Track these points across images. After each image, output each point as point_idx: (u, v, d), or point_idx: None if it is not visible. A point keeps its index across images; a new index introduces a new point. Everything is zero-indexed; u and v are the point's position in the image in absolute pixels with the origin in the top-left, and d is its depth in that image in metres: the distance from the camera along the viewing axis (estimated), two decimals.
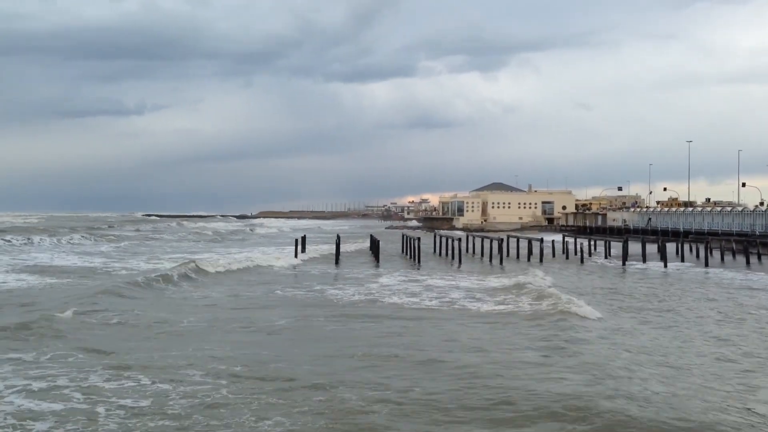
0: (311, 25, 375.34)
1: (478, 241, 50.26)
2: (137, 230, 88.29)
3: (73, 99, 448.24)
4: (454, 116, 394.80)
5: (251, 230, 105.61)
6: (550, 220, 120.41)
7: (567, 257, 44.08)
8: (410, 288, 26.22)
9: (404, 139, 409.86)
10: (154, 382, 10.93)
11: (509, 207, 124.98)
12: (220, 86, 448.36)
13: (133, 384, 10.82)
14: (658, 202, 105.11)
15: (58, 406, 9.63)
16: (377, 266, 37.40)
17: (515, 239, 49.74)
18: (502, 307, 20.65)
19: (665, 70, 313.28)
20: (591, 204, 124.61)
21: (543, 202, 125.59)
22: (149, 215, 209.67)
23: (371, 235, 53.42)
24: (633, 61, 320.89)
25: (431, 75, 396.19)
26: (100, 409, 9.51)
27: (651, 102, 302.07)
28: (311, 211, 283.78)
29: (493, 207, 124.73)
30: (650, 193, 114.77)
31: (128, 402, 9.87)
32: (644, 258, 42.96)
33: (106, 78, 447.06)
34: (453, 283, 28.51)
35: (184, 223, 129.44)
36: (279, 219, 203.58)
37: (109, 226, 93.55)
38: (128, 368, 11.76)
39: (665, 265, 38.90)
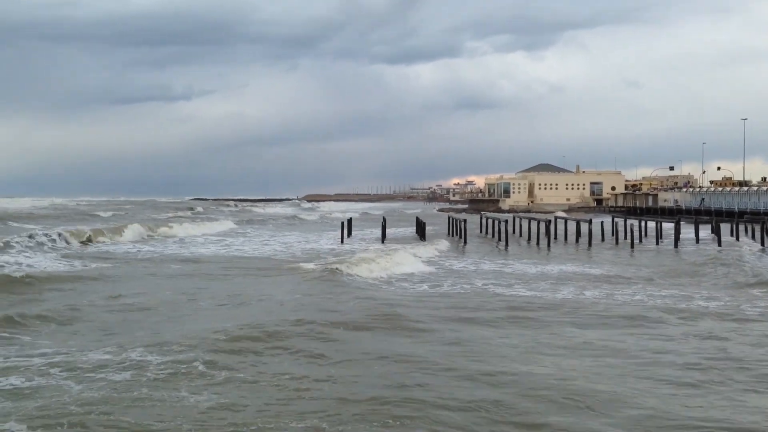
0: (356, 7, 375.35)
1: (525, 222, 49.74)
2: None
3: (123, 86, 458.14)
4: (500, 97, 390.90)
5: (322, 216, 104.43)
6: (599, 201, 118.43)
7: (616, 240, 43.23)
8: (520, 276, 24.91)
9: (449, 121, 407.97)
10: None
11: (556, 188, 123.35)
12: (265, 70, 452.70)
13: None
14: (711, 182, 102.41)
15: None
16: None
17: (563, 221, 49.08)
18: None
19: (720, 46, 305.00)
20: (641, 184, 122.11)
21: (591, 183, 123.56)
22: (198, 199, 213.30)
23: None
24: (687, 36, 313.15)
25: (476, 55, 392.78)
26: None
27: (705, 79, 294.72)
28: (357, 194, 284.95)
29: (540, 188, 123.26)
30: (703, 172, 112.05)
31: None
32: (697, 239, 41.95)
33: (155, 64, 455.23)
34: (545, 269, 27.46)
35: (247, 206, 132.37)
36: (327, 202, 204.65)
37: (191, 210, 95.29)
38: None
39: (719, 244, 37.99)
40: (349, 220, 50.03)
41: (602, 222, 47.73)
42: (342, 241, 41.42)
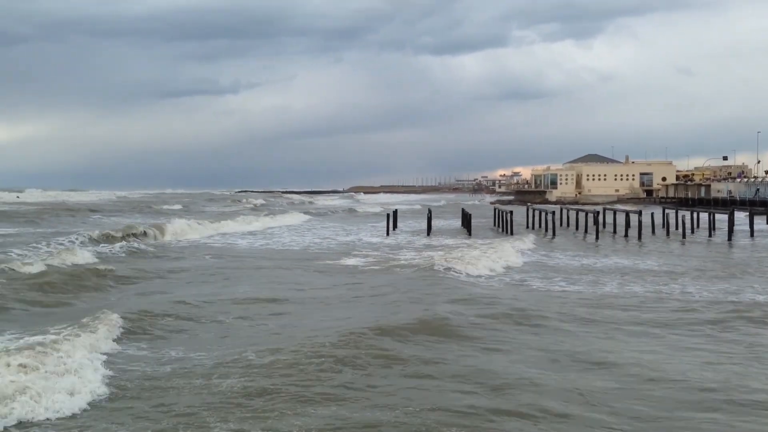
0: None
1: (572, 213, 49.08)
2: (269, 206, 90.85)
3: (172, 80, 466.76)
4: (546, 87, 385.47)
5: (381, 209, 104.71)
6: (649, 192, 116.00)
7: (667, 232, 42.25)
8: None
9: (495, 112, 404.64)
10: None
11: (605, 179, 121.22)
12: (311, 63, 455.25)
13: None
14: (766, 172, 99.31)
15: None
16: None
17: (611, 212, 48.26)
18: None
19: None
20: (693, 175, 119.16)
21: (641, 174, 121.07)
22: (243, 191, 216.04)
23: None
24: (741, 23, 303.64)
25: (523, 44, 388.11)
26: None
27: (760, 66, 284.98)
28: (402, 186, 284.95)
29: (587, 179, 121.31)
30: (758, 162, 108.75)
31: None
32: (752, 231, 40.81)
33: (203, 58, 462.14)
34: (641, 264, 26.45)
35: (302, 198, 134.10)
36: (377, 194, 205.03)
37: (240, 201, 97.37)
38: None
39: None
40: (395, 212, 50.09)
41: (652, 213, 46.78)
42: (387, 234, 41.51)
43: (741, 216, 49.00)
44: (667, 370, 10.74)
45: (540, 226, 44.24)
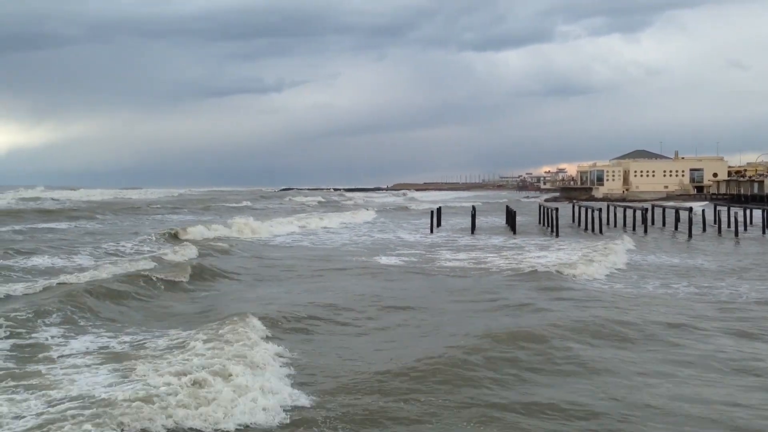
0: None
1: (619, 211, 48.21)
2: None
3: (217, 79, 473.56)
4: (593, 82, 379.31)
5: (437, 208, 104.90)
6: (699, 189, 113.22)
7: (719, 229, 41.10)
8: None
9: (539, 108, 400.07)
10: None
11: (653, 175, 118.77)
12: (354, 60, 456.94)
13: None
14: None
15: None
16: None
17: (660, 209, 47.26)
18: None
19: None
20: (745, 170, 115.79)
21: (691, 170, 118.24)
22: (288, 189, 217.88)
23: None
24: None
25: (569, 39, 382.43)
26: None
27: None
28: (446, 183, 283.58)
29: (635, 175, 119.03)
30: None
31: None
32: None
33: (247, 57, 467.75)
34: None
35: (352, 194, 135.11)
36: (418, 191, 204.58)
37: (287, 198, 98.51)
38: None
39: None
40: (438, 210, 49.93)
41: (703, 210, 45.65)
42: (431, 231, 41.37)
43: None
44: None
45: (586, 224, 43.54)
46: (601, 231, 38.40)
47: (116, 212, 56.83)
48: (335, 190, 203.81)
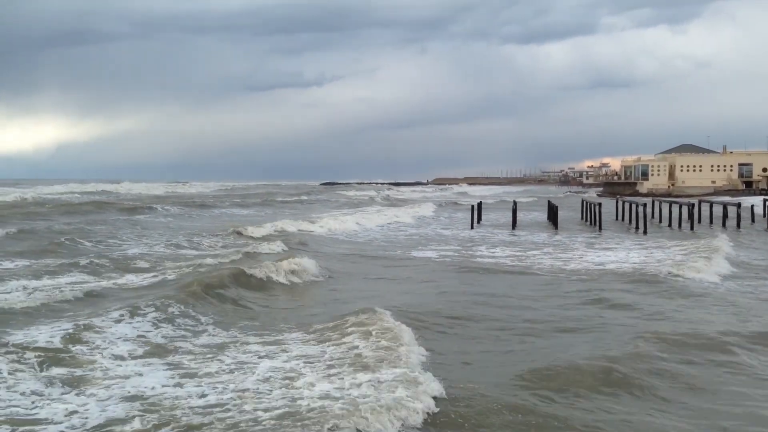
0: None
1: (665, 206, 47.22)
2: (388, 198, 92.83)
3: (259, 73, 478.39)
4: (637, 75, 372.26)
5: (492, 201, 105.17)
6: (749, 184, 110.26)
7: None
8: None
9: (582, 101, 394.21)
10: None
11: (700, 170, 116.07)
12: (395, 54, 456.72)
13: None
14: None
15: None
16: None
17: (707, 204, 46.17)
18: None
19: None
20: None
21: (740, 164, 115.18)
22: (329, 183, 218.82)
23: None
24: None
25: (613, 31, 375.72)
26: None
27: None
28: (486, 177, 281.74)
29: (681, 170, 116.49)
30: None
31: None
32: None
33: (290, 51, 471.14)
34: None
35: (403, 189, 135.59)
36: (476, 186, 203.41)
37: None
38: None
39: None
40: (479, 205, 49.57)
41: (752, 206, 44.46)
42: (471, 227, 41.08)
43: None
44: None
45: (630, 220, 42.78)
46: (645, 227, 37.66)
47: (184, 206, 57.86)
48: (376, 184, 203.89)
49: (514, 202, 46.39)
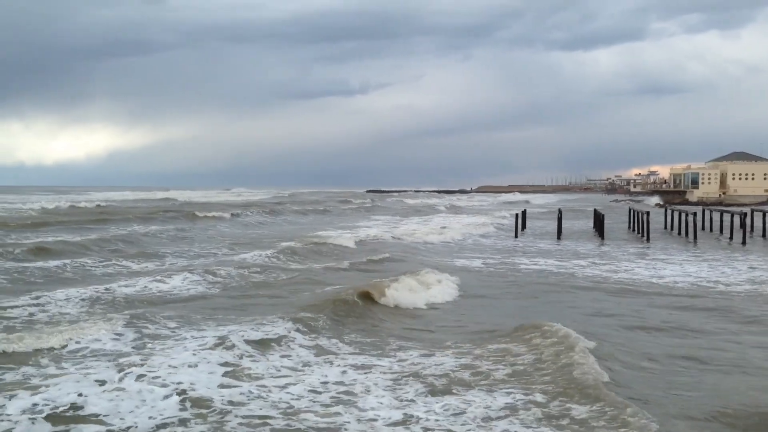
0: None
1: (716, 215, 46.10)
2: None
3: (304, 81, 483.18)
4: (687, 81, 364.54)
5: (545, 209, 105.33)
6: None
7: None
8: None
9: (630, 108, 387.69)
10: None
11: (753, 178, 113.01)
12: (439, 61, 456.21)
13: None
14: None
15: None
16: None
17: (760, 213, 44.86)
18: None
19: None
20: None
21: None
22: (373, 191, 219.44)
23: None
24: None
25: (662, 37, 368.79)
26: None
27: None
28: (530, 185, 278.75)
29: (733, 178, 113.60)
30: None
31: None
32: None
33: (334, 59, 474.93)
34: None
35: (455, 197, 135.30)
36: (526, 194, 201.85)
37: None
38: None
39: None
40: (523, 213, 49.16)
41: None
42: (516, 236, 40.75)
43: None
44: None
45: (679, 230, 41.87)
46: (695, 237, 36.82)
47: (261, 213, 59.62)
48: (424, 192, 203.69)
49: (560, 211, 45.83)
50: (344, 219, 60.09)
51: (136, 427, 8.18)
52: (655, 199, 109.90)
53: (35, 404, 8.69)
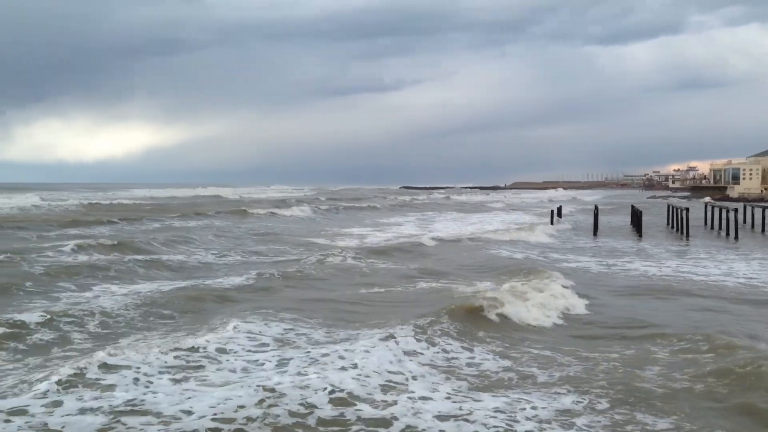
0: None
1: (757, 211, 45.04)
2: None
3: (338, 78, 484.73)
4: (728, 75, 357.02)
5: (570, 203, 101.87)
6: None
7: None
8: None
9: (668, 103, 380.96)
10: None
11: None
12: (473, 57, 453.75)
13: None
14: None
15: None
16: None
17: None
18: None
19: None
20: None
21: None
22: (407, 188, 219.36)
23: None
24: None
25: (703, 30, 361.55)
26: None
27: None
28: (566, 182, 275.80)
29: None
30: None
31: None
32: None
33: (369, 56, 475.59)
34: None
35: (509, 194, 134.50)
36: (534, 191, 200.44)
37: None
38: None
39: None
40: (559, 209, 48.75)
41: None
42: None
43: None
44: None
45: (720, 226, 41.02)
46: (736, 234, 36.06)
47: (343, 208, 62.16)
48: (462, 188, 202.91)
49: (596, 207, 45.26)
50: (397, 215, 60.49)
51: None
52: (655, 193, 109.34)
53: None
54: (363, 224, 47.17)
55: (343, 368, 9.89)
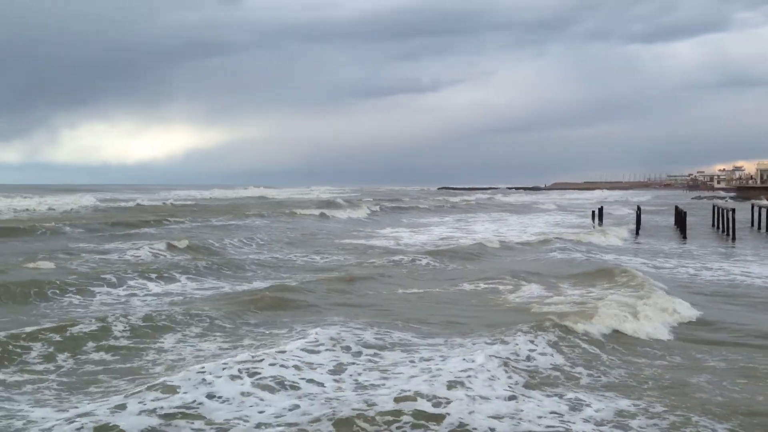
0: None
1: None
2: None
3: (376, 79, 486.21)
4: None
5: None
6: None
7: None
8: None
9: (712, 101, 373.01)
10: None
11: None
12: (512, 57, 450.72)
13: None
14: None
15: None
16: None
17: None
18: None
19: None
20: None
21: None
22: (446, 188, 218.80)
23: None
24: None
25: (748, 27, 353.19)
26: None
27: None
28: (606, 182, 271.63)
29: None
30: None
31: None
32: None
33: (406, 57, 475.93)
34: None
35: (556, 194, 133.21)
36: (575, 191, 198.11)
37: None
38: None
39: None
40: (600, 209, 48.25)
41: None
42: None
43: None
44: None
45: (767, 226, 40.18)
46: None
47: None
48: (501, 189, 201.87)
49: (638, 207, 44.71)
50: (448, 215, 60.32)
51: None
52: (700, 194, 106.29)
53: None
54: (425, 225, 46.59)
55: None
